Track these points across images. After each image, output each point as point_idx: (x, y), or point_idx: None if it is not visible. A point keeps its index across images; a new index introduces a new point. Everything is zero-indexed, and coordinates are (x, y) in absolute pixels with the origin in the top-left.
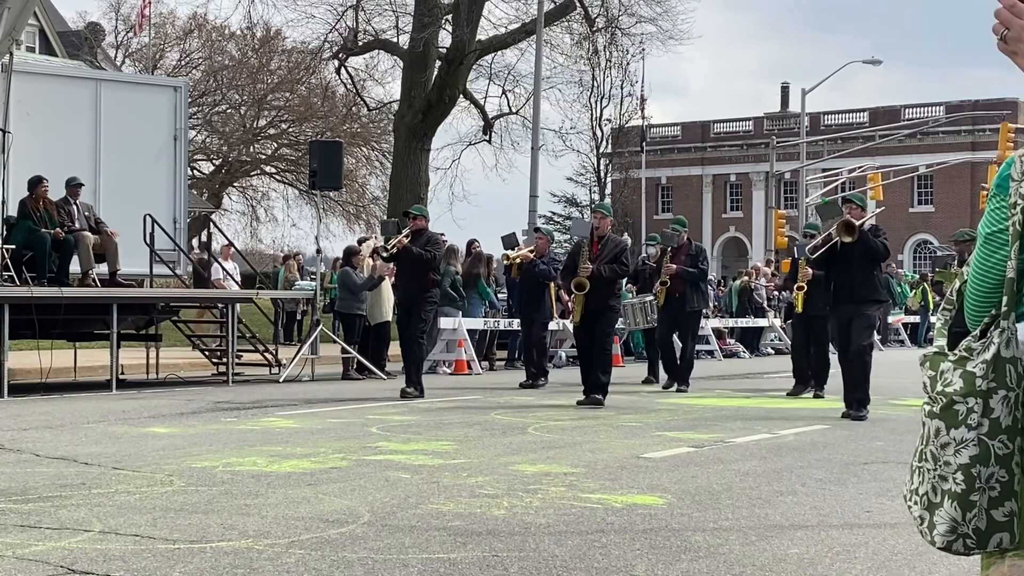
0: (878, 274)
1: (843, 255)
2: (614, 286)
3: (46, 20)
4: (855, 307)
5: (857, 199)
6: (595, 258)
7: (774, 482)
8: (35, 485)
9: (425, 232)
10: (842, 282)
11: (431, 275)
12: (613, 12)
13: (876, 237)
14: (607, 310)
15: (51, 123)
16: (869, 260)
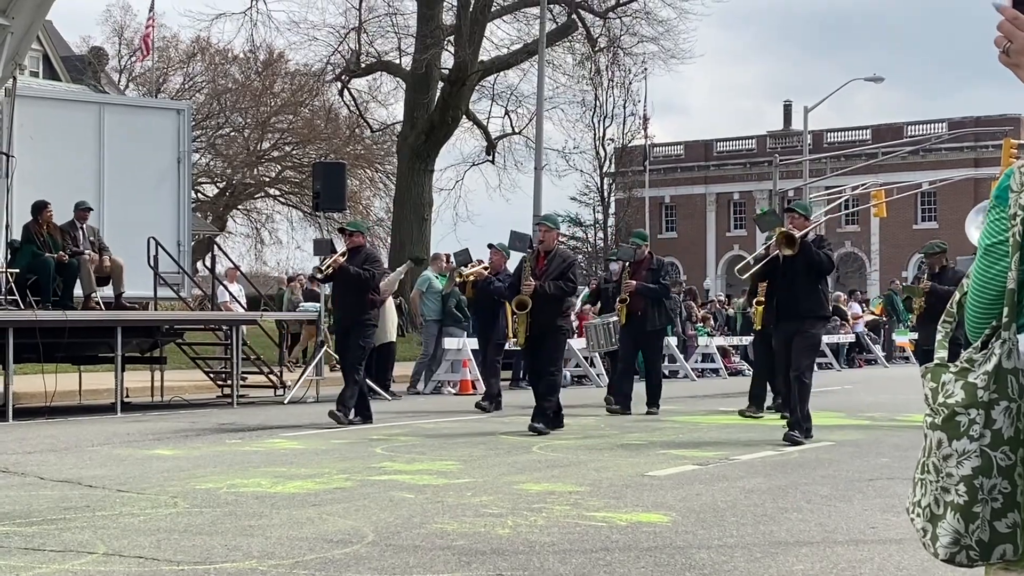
0: (823, 288)
1: (785, 269)
2: (560, 305)
3: (49, 45)
4: (798, 324)
5: (800, 208)
6: (540, 274)
7: (779, 499)
8: (39, 508)
9: (363, 250)
10: (784, 298)
11: (370, 296)
12: (615, 32)
13: (820, 248)
14: (554, 332)
15: (55, 147)
16: (813, 274)
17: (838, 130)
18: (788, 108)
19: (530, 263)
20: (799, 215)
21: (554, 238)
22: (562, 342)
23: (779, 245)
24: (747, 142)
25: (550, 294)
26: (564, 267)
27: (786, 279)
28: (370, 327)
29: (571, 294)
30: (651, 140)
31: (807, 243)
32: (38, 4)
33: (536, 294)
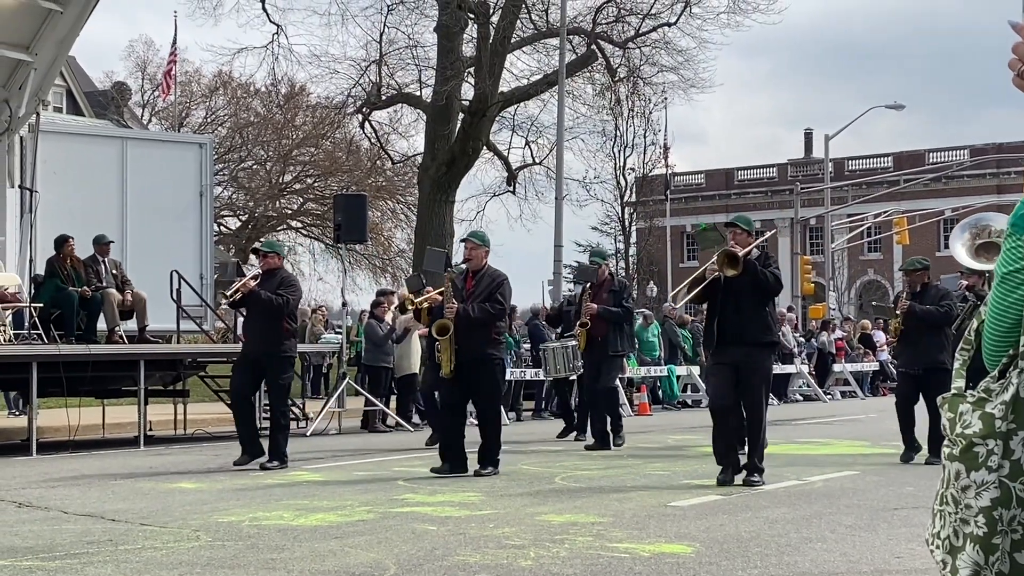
0: (770, 311)
1: (728, 290)
2: (490, 330)
3: (73, 81)
4: (743, 353)
5: (742, 222)
6: (467, 296)
7: (803, 529)
8: (62, 542)
9: (279, 273)
10: (727, 322)
11: (285, 324)
12: (635, 62)
13: (767, 267)
14: (484, 361)
15: (78, 182)
16: (758, 295)
17: (859, 157)
18: (809, 136)
19: (457, 284)
20: (742, 230)
21: (482, 256)
22: (496, 371)
23: (721, 265)
24: (768, 170)
25: (475, 318)
26: (493, 287)
27: (729, 302)
28: (287, 361)
29: (499, 318)
30: (672, 169)
31: (751, 262)
32: (61, 40)
33: (459, 318)
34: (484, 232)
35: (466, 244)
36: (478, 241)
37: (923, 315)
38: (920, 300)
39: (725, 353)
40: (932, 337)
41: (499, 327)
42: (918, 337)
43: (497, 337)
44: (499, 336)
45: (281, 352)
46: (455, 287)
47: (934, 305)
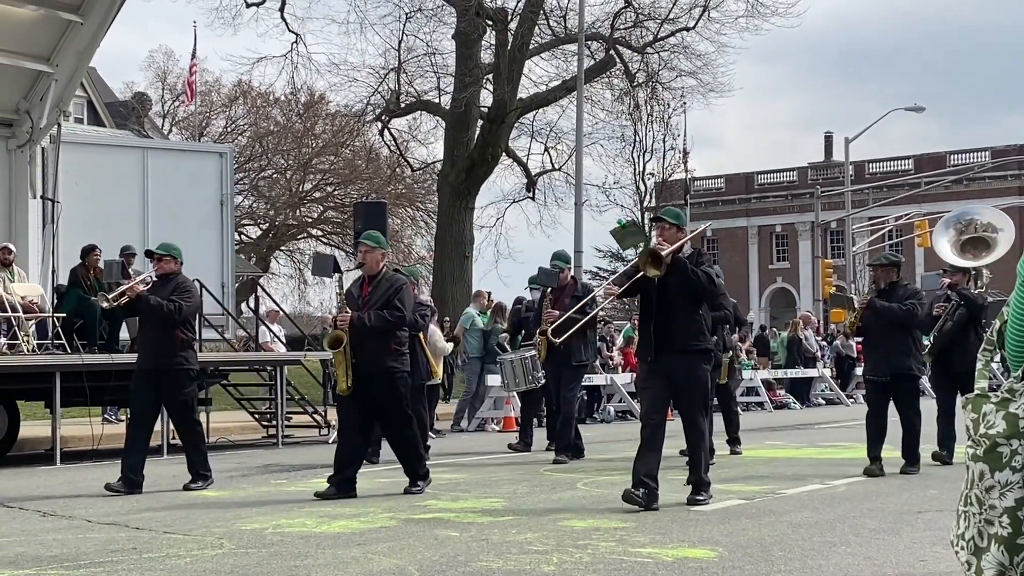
0: (704, 315)
1: (659, 291)
2: (389, 340)
3: (93, 91)
4: (676, 361)
5: (670, 216)
6: (363, 303)
7: (827, 533)
8: (87, 551)
9: (174, 278)
10: (658, 327)
11: (181, 334)
12: (653, 67)
13: (699, 265)
14: (385, 374)
15: (99, 192)
16: (689, 298)
17: (880, 160)
18: (829, 139)
19: (353, 291)
20: (670, 224)
21: (378, 259)
22: (401, 383)
23: (644, 265)
24: (788, 174)
25: (370, 326)
26: (391, 293)
27: (660, 304)
28: (184, 375)
29: (399, 326)
30: (691, 174)
31: (680, 260)
32: (81, 51)
33: (354, 328)
34: (378, 234)
35: (360, 247)
36: (372, 243)
37: (883, 311)
38: (887, 299)
39: (657, 363)
40: (898, 341)
41: (400, 337)
42: (882, 340)
43: (398, 348)
44: (400, 347)
45: (176, 365)
46: (350, 295)
47: (898, 303)
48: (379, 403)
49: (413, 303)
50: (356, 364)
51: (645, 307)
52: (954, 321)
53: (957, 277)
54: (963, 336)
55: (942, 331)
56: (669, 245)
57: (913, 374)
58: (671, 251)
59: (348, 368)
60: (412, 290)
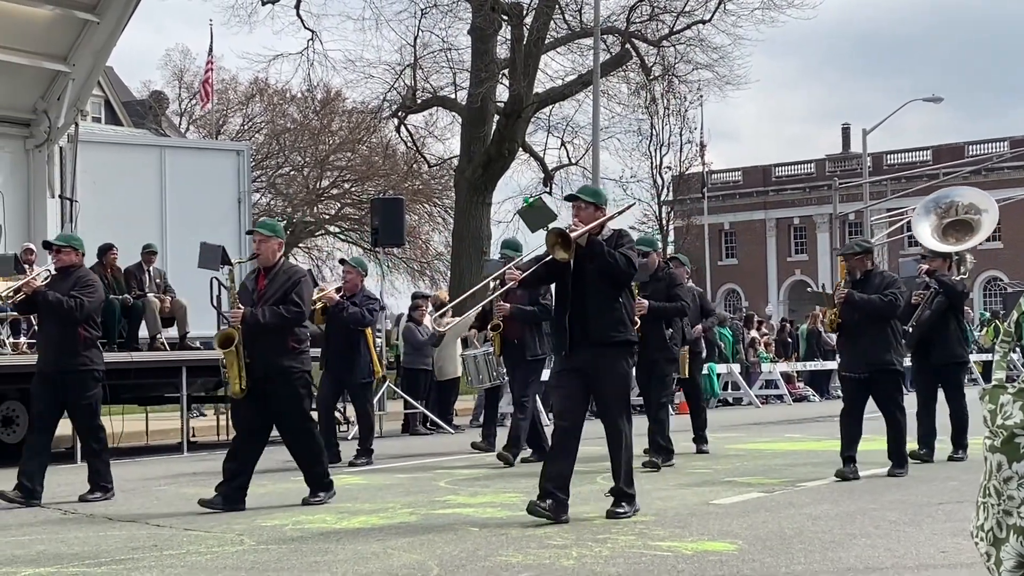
0: (625, 303)
1: (575, 278)
2: (286, 338)
3: (111, 90)
4: (592, 355)
5: (587, 194)
6: (258, 298)
7: (847, 525)
8: (108, 548)
9: (75, 272)
10: (576, 317)
11: (83, 332)
12: (669, 60)
13: (620, 247)
14: (282, 373)
15: (117, 191)
16: (607, 284)
17: (898, 152)
18: (846, 131)
19: (248, 284)
20: (586, 204)
21: (274, 249)
22: (298, 384)
23: (551, 247)
24: (806, 166)
25: (264, 323)
26: (288, 287)
27: (576, 292)
28: (87, 376)
29: (297, 322)
30: (709, 167)
31: (597, 243)
32: (98, 50)
33: (246, 324)
34: (275, 222)
35: (254, 236)
36: (267, 232)
37: (863, 305)
38: (863, 289)
39: (571, 357)
40: (876, 333)
41: (299, 334)
42: (860, 333)
43: (297, 346)
44: (299, 344)
45: (79, 366)
46: (244, 289)
47: (877, 294)
48: (276, 406)
49: (361, 297)
50: (251, 364)
51: (559, 295)
52: (932, 310)
53: (936, 263)
54: (942, 325)
55: (920, 320)
56: (583, 226)
57: (895, 368)
58: (582, 232)
59: (241, 369)
60: (360, 283)
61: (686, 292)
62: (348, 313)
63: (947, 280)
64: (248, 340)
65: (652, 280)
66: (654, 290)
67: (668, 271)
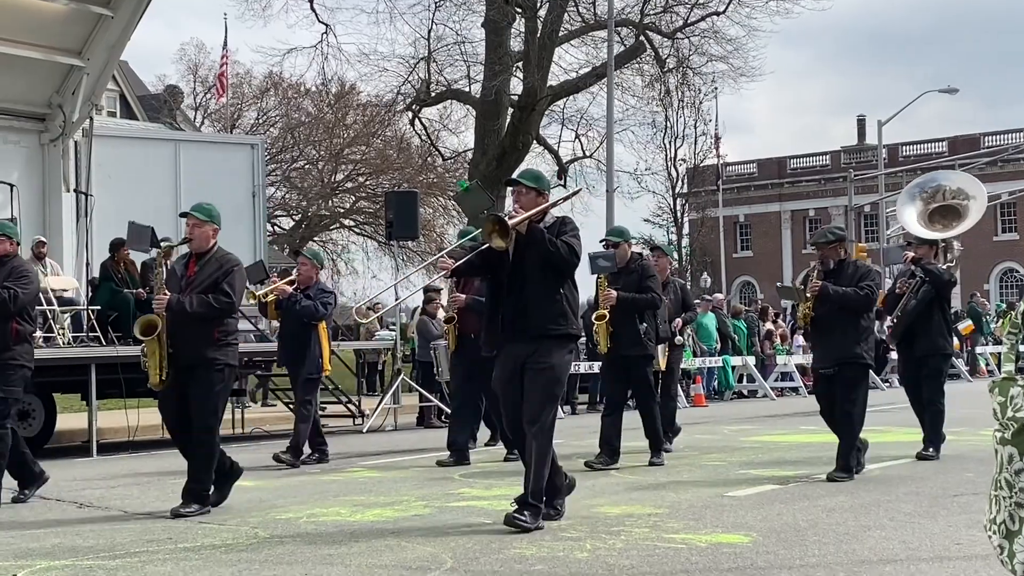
0: (567, 294)
1: (514, 267)
2: (212, 328)
3: (126, 85)
4: (529, 350)
5: (529, 178)
6: (187, 285)
7: (861, 517)
8: (123, 541)
9: (8, 262)
10: (511, 310)
11: (15, 324)
12: (684, 52)
13: (562, 234)
14: (203, 366)
15: (132, 185)
16: (549, 274)
17: (913, 143)
18: (861, 123)
19: (177, 269)
20: (527, 188)
21: (208, 235)
22: (213, 382)
23: (488, 235)
24: (821, 158)
25: (191, 312)
26: (219, 275)
27: (514, 282)
28: (13, 370)
29: (228, 313)
30: (723, 159)
31: (537, 230)
32: (112, 44)
33: (172, 312)
34: (210, 207)
35: (187, 220)
36: (202, 216)
37: (838, 299)
38: (835, 280)
39: (508, 353)
40: (847, 326)
41: (227, 325)
42: (831, 327)
43: (224, 337)
44: (227, 336)
45: (10, 360)
46: (172, 274)
47: (852, 287)
48: (190, 396)
49: (315, 290)
50: (174, 355)
51: (494, 286)
52: (918, 299)
53: (922, 250)
54: (927, 316)
55: (905, 311)
56: (524, 212)
57: (862, 361)
58: (522, 219)
59: (163, 359)
60: (317, 275)
61: (659, 284)
62: (301, 306)
63: (933, 268)
64: (172, 329)
65: (624, 271)
66: (626, 282)
67: (641, 262)
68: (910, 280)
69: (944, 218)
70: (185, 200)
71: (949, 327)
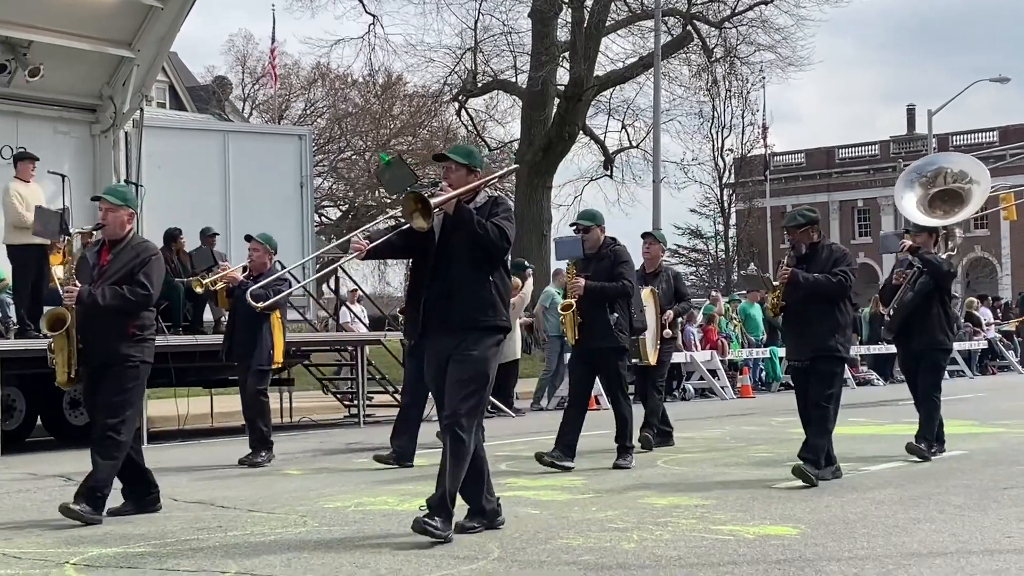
0: (497, 281)
1: (439, 250)
2: (126, 323)
3: (175, 76)
4: (453, 342)
5: (460, 154)
6: (99, 275)
7: (911, 509)
8: (173, 529)
9: None
10: (435, 297)
11: None
12: (731, 41)
13: (494, 215)
14: (116, 363)
15: (181, 175)
16: (478, 257)
17: (964, 132)
18: (911, 112)
19: (89, 258)
20: (458, 165)
21: (123, 221)
22: (124, 380)
23: (409, 214)
24: (870, 148)
25: (104, 305)
26: (135, 265)
27: (439, 268)
28: None
29: (144, 306)
30: (771, 149)
31: (465, 210)
32: (162, 36)
33: (82, 304)
34: (123, 188)
35: (100, 204)
36: (116, 200)
37: (809, 286)
38: (808, 265)
39: (430, 346)
40: (821, 316)
41: (143, 319)
42: (804, 316)
43: (139, 332)
44: (142, 331)
45: None
46: (83, 263)
47: (825, 273)
48: (102, 395)
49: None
50: (85, 351)
51: (417, 271)
52: (915, 291)
53: (921, 238)
54: (925, 309)
55: (902, 303)
56: (452, 190)
57: (838, 355)
58: (447, 198)
59: (72, 355)
60: (268, 261)
61: (632, 271)
62: (251, 294)
63: (932, 258)
64: (83, 323)
65: (595, 258)
66: (597, 269)
67: (614, 247)
68: (907, 271)
69: (945, 203)
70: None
71: (950, 321)
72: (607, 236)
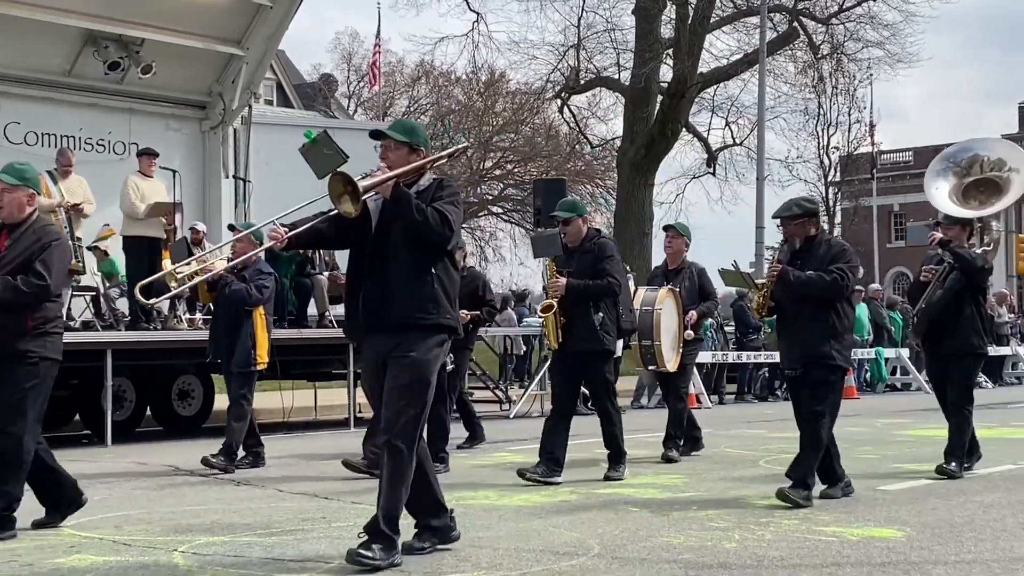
0: (441, 275)
1: (377, 240)
2: (23, 315)
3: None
4: (393, 343)
5: (400, 131)
6: None
7: (1020, 514)
8: (279, 519)
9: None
10: (374, 291)
11: None
12: (838, 38)
13: (436, 200)
14: (18, 358)
15: (288, 171)
16: (417, 249)
17: None
18: (1023, 110)
19: None
20: (397, 143)
21: (21, 203)
22: (27, 378)
23: (336, 198)
24: None
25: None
26: (33, 252)
27: (376, 260)
28: None
29: (39, 299)
30: (878, 147)
31: (403, 194)
32: (270, 35)
33: None
34: (23, 167)
35: None
36: (12, 179)
37: (800, 285)
38: (804, 262)
39: (369, 344)
40: (815, 319)
41: (45, 311)
42: (796, 320)
43: (40, 326)
44: (44, 324)
45: None
46: None
47: (819, 271)
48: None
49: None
50: None
51: (354, 263)
52: (945, 288)
53: (952, 232)
54: (956, 309)
55: (930, 302)
56: (389, 170)
57: (833, 362)
58: (381, 181)
59: None
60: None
61: (618, 266)
62: (231, 289)
63: (964, 253)
64: None
65: (578, 252)
66: (579, 265)
67: (598, 240)
68: (937, 267)
69: (980, 193)
70: None
71: (984, 322)
72: (591, 228)
